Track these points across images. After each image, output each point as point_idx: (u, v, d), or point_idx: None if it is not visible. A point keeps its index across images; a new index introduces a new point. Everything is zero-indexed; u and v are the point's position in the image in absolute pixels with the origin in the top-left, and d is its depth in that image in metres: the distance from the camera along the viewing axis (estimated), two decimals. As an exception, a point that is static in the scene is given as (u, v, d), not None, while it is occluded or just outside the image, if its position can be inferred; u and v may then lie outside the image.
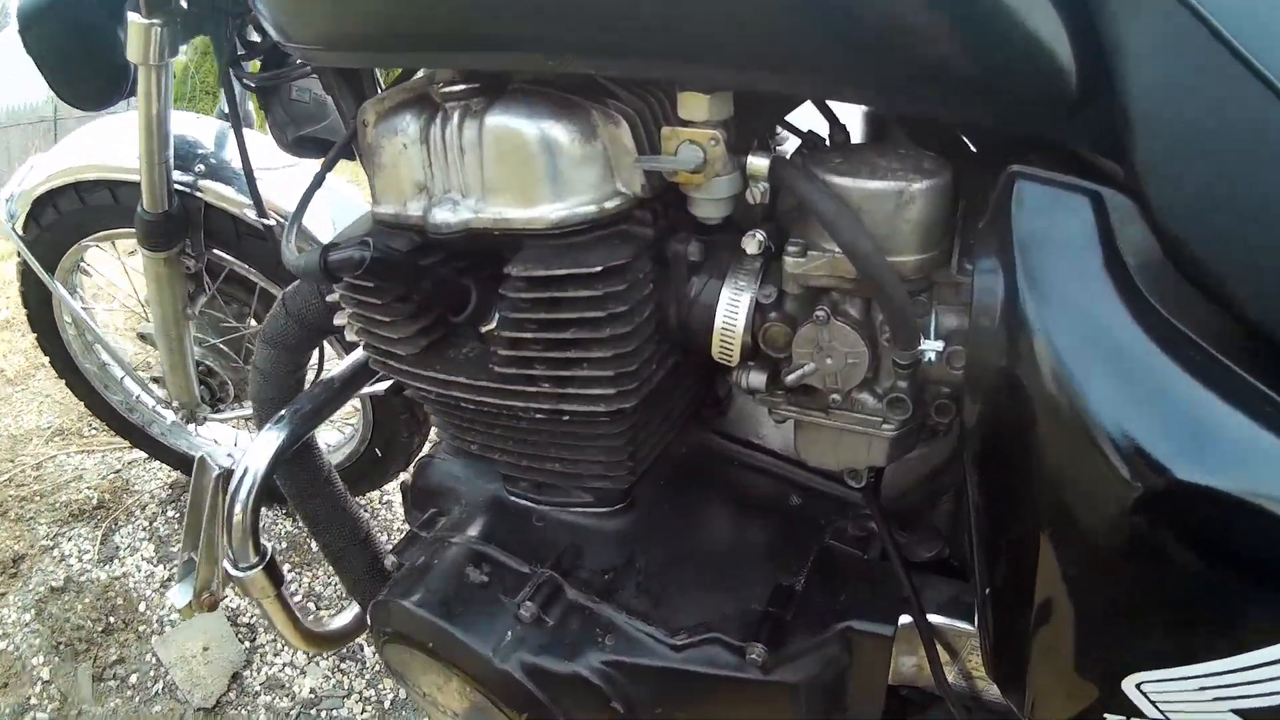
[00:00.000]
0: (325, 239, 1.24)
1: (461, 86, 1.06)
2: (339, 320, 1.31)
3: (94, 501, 3.00)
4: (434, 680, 1.35)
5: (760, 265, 1.08)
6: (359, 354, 1.49)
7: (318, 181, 1.29)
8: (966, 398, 0.94)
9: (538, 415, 1.19)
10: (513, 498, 1.42)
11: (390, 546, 1.53)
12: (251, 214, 2.08)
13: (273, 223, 2.06)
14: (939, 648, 1.17)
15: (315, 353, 1.83)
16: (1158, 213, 0.79)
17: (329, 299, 1.35)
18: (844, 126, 1.23)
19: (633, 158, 1.05)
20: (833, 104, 1.22)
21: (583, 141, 1.05)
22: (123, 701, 2.37)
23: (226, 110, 1.89)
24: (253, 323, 2.46)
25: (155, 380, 2.71)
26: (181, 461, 2.90)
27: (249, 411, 2.52)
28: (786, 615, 1.21)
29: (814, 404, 1.13)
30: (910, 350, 1.00)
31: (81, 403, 2.87)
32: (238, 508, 1.40)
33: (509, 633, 1.23)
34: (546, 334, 1.11)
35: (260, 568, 1.44)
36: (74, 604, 2.62)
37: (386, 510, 2.99)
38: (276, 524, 2.92)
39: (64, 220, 2.35)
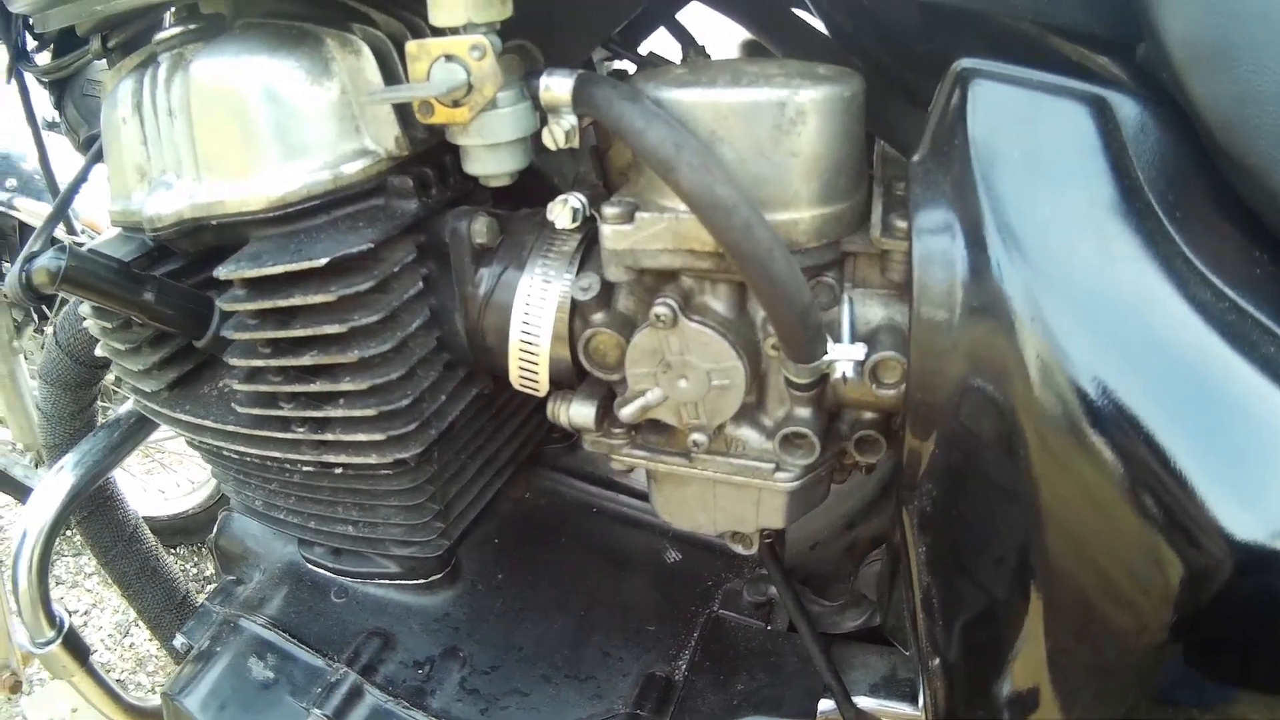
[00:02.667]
0: None
1: (175, 30, 0.82)
2: (99, 351, 1.01)
3: None
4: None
5: (578, 246, 0.76)
6: None
7: (75, 185, 1.05)
8: (909, 433, 0.64)
9: (305, 468, 0.87)
10: (309, 565, 1.09)
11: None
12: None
13: (85, 240, 1.76)
14: None
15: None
16: (1205, 115, 0.55)
17: (85, 325, 1.08)
18: (702, 48, 0.88)
19: (374, 87, 0.76)
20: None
21: (309, 80, 0.74)
22: (-8, 766, 2.17)
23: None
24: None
25: None
26: None
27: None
28: (662, 718, 0.94)
29: (669, 446, 0.76)
30: (812, 364, 0.64)
31: None
32: (21, 576, 1.14)
33: None
34: (284, 360, 0.79)
35: (58, 643, 1.18)
36: None
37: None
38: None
39: None
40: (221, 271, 0.77)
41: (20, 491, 2.50)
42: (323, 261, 0.71)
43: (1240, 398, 0.53)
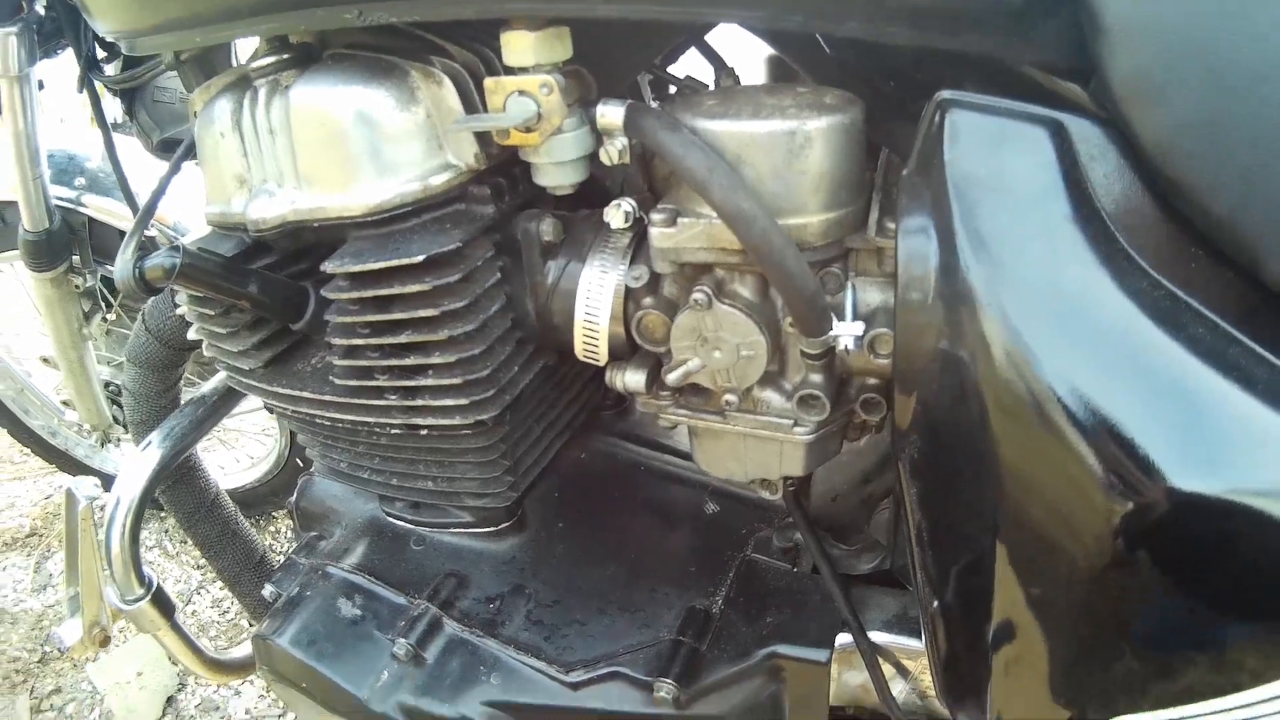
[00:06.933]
0: None
1: (270, 59, 0.94)
2: (192, 335, 1.16)
3: (26, 529, 2.81)
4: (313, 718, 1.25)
5: (630, 242, 0.93)
6: None
7: (162, 187, 1.17)
8: (896, 392, 0.78)
9: (393, 430, 1.04)
10: (389, 519, 1.27)
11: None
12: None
13: (155, 234, 1.89)
14: (886, 666, 1.06)
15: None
16: (1144, 141, 0.65)
17: (179, 312, 1.19)
18: (731, 70, 1.03)
19: (456, 115, 0.91)
20: (715, 43, 1.07)
21: (399, 107, 0.90)
22: (61, 732, 2.22)
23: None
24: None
25: (66, 404, 2.54)
26: (106, 481, 2.72)
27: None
28: (701, 644, 1.07)
29: (707, 406, 0.93)
30: (820, 337, 0.81)
31: (4, 429, 2.67)
32: (115, 539, 1.27)
33: (385, 672, 1.13)
34: (381, 339, 0.96)
35: (147, 599, 1.32)
36: (9, 635, 2.47)
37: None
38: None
39: None
40: (329, 266, 0.92)
41: (80, 470, 2.66)
42: (420, 258, 0.87)
43: (1165, 368, 0.63)
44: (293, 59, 0.93)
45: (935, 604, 0.87)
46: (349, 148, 0.90)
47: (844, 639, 1.07)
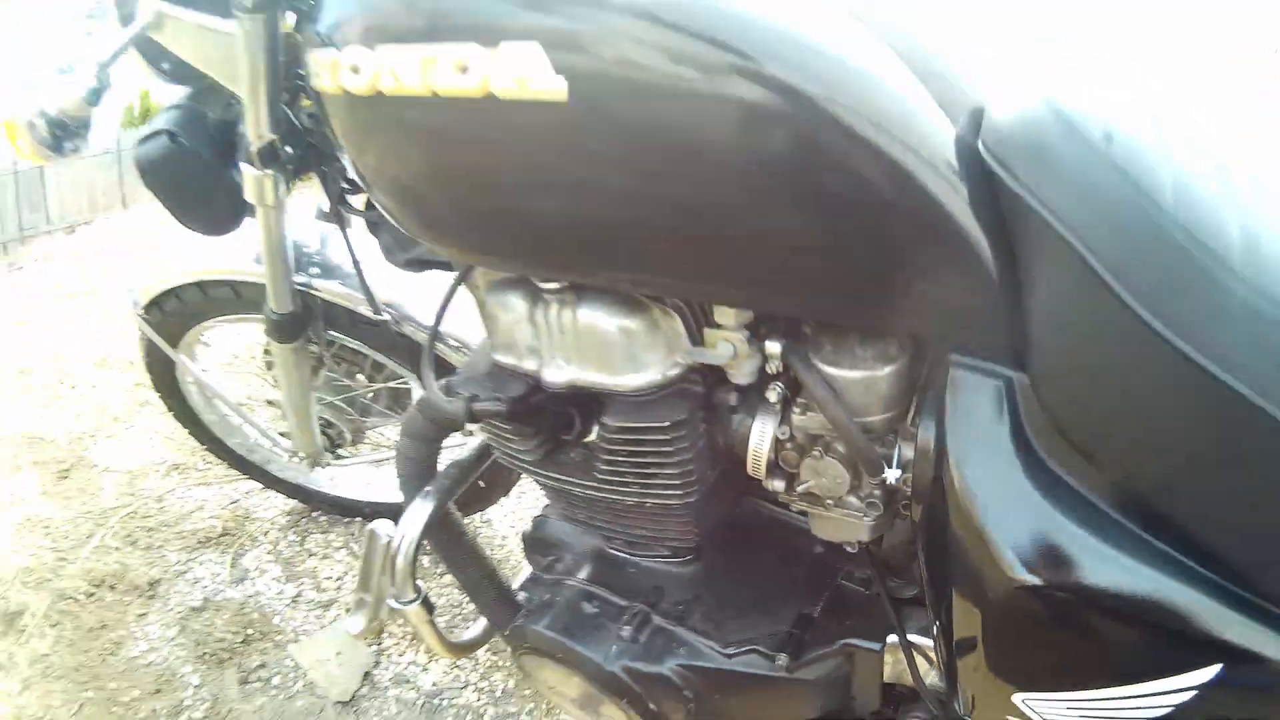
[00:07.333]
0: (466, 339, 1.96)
1: (555, 286, 1.35)
2: (473, 427, 1.58)
3: (218, 529, 3.19)
4: (558, 678, 1.73)
5: (779, 408, 1.40)
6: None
7: (438, 320, 1.61)
8: (914, 503, 1.27)
9: (628, 503, 1.54)
10: (611, 550, 1.80)
11: (516, 582, 1.90)
12: (363, 308, 2.29)
13: (387, 317, 2.31)
14: (919, 658, 1.48)
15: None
16: (1046, 406, 1.00)
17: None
18: None
19: (684, 341, 1.34)
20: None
21: (649, 332, 1.35)
22: (268, 700, 2.62)
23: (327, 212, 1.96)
24: (360, 378, 2.73)
25: (283, 434, 2.87)
26: (295, 491, 3.18)
27: (366, 456, 2.91)
28: (805, 634, 1.57)
29: (817, 502, 1.45)
30: (876, 478, 1.32)
31: (204, 447, 3.09)
32: (400, 562, 1.69)
33: (613, 647, 1.63)
34: (633, 459, 1.45)
35: (418, 602, 1.75)
36: (213, 620, 2.85)
37: (486, 528, 3.25)
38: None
39: (186, 308, 2.57)
40: (609, 421, 1.40)
41: (270, 480, 3.14)
42: (667, 424, 1.36)
43: (1049, 520, 0.98)
44: (573, 285, 1.32)
45: (936, 624, 1.26)
46: (619, 353, 1.35)
47: (893, 638, 1.49)
